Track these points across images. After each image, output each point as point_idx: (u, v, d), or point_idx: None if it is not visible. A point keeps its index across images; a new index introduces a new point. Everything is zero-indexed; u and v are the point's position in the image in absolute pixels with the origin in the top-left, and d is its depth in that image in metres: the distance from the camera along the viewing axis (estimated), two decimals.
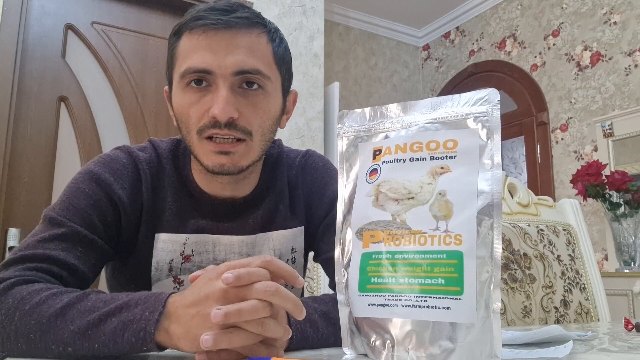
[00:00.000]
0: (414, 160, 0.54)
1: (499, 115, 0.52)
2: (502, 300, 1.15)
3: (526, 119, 3.50)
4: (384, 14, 4.10)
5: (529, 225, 1.30)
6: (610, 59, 3.01)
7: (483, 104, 0.53)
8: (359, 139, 0.60)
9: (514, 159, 5.45)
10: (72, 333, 0.51)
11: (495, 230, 0.50)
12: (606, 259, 2.92)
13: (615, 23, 3.00)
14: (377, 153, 0.58)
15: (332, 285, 0.81)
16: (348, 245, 0.57)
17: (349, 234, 0.57)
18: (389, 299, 0.51)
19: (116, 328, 0.51)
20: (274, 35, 0.74)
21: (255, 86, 0.71)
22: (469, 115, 0.53)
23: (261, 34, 0.72)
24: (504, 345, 0.55)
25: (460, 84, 4.03)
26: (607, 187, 2.57)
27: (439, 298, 0.49)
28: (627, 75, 2.92)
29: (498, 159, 0.51)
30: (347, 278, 0.56)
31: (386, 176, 0.55)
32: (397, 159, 0.55)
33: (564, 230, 1.36)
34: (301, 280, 0.52)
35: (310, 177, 0.87)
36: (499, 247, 0.49)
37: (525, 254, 1.24)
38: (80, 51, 2.38)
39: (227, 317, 0.45)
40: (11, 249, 2.07)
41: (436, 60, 4.32)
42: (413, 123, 0.56)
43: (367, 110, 0.61)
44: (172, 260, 0.76)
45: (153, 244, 0.75)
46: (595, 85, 3.08)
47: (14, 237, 2.10)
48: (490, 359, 0.47)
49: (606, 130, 2.95)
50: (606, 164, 2.65)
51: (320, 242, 0.85)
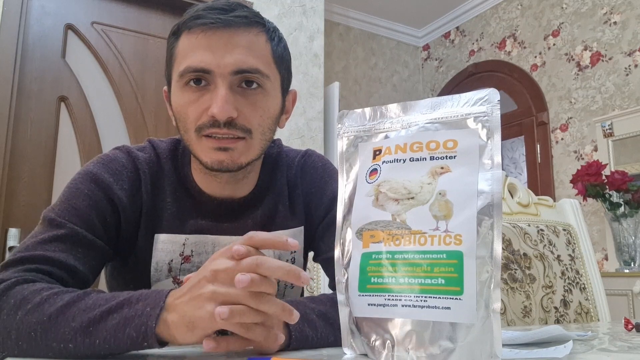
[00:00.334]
0: (414, 160, 0.54)
1: (499, 115, 0.52)
2: (502, 300, 1.15)
3: (526, 119, 3.50)
4: (384, 14, 4.10)
5: (529, 225, 1.30)
6: (610, 59, 3.01)
7: (483, 104, 0.53)
8: (359, 139, 0.60)
9: (514, 159, 5.45)
10: (73, 330, 0.51)
11: (495, 230, 0.50)
12: (606, 259, 2.92)
13: (615, 23, 3.00)
14: (377, 153, 0.57)
15: (332, 285, 0.81)
16: (348, 245, 0.57)
17: (349, 234, 0.57)
18: (389, 299, 0.51)
19: (117, 324, 0.51)
20: (273, 35, 0.74)
21: (255, 85, 0.70)
22: (469, 115, 0.53)
23: (260, 33, 0.71)
24: (504, 345, 0.55)
25: (460, 84, 4.03)
26: (607, 187, 2.56)
27: (439, 298, 0.49)
28: (627, 75, 2.92)
29: (498, 159, 0.51)
30: (347, 278, 0.56)
31: (386, 176, 0.55)
32: (397, 159, 0.55)
33: (564, 230, 1.36)
34: (293, 242, 0.52)
35: (310, 177, 0.86)
36: (499, 247, 0.49)
37: (525, 254, 1.24)
38: (80, 51, 2.38)
39: (252, 285, 0.48)
40: (11, 249, 2.07)
41: (436, 60, 4.32)
42: (413, 123, 0.56)
43: (367, 110, 0.61)
44: (172, 261, 0.76)
45: (152, 244, 0.75)
46: (595, 85, 3.08)
47: (14, 237, 2.10)
48: (490, 359, 0.47)
49: (606, 130, 2.95)
50: (606, 164, 2.65)
51: (320, 242, 0.85)
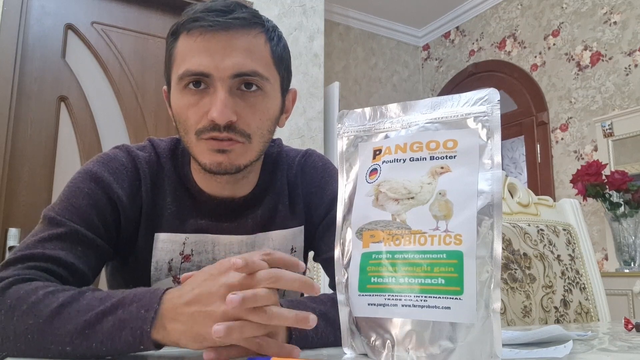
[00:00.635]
0: (414, 160, 0.54)
1: (499, 115, 0.52)
2: (502, 300, 1.15)
3: (526, 118, 3.50)
4: (384, 13, 4.10)
5: (529, 225, 1.30)
6: (610, 58, 3.01)
7: (483, 103, 0.53)
8: (359, 138, 0.60)
9: (514, 159, 5.45)
10: (69, 333, 0.51)
11: (495, 230, 0.50)
12: (606, 258, 2.92)
13: (615, 23, 3.00)
14: (377, 153, 0.57)
15: (332, 285, 0.81)
16: (348, 245, 0.57)
17: (349, 234, 0.57)
18: (389, 299, 0.51)
19: (113, 327, 0.51)
20: (272, 34, 0.73)
21: (254, 87, 0.70)
22: (469, 115, 0.53)
23: (259, 34, 0.71)
24: (504, 345, 0.55)
25: (460, 83, 4.03)
26: (607, 187, 2.56)
27: (439, 298, 0.49)
28: (627, 75, 2.92)
29: (498, 158, 0.51)
30: (347, 278, 0.56)
31: (386, 176, 0.55)
32: (397, 159, 0.55)
33: (564, 230, 1.36)
34: (302, 265, 0.54)
35: (310, 177, 0.86)
36: (499, 247, 0.49)
37: (525, 254, 1.24)
38: (80, 51, 2.38)
39: (244, 303, 0.47)
40: (11, 249, 2.07)
41: (436, 60, 4.32)
42: (413, 123, 0.56)
43: (367, 110, 0.60)
44: (172, 260, 0.76)
45: (152, 243, 0.75)
46: (595, 85, 3.08)
47: (14, 237, 2.10)
48: (490, 358, 0.47)
49: (606, 130, 2.95)
50: (606, 164, 2.65)
51: (320, 242, 0.85)
